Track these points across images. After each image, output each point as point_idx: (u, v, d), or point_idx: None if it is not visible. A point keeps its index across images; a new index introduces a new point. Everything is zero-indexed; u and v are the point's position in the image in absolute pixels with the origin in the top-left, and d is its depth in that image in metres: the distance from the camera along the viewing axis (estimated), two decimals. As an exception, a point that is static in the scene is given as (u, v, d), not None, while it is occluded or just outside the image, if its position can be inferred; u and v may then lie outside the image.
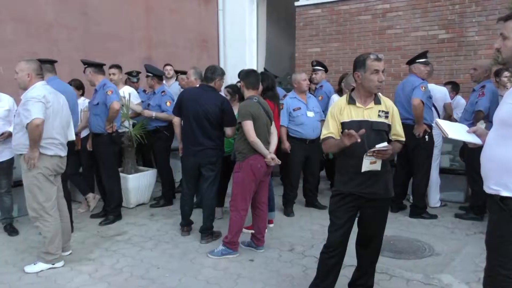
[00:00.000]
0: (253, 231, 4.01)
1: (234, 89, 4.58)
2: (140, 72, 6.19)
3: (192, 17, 8.03)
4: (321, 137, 2.84)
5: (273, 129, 3.94)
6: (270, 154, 3.77)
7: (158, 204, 5.43)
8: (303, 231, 4.49)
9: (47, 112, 3.47)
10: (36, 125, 3.33)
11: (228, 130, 4.16)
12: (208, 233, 4.22)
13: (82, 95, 5.30)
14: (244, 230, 3.99)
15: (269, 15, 8.56)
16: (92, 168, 5.14)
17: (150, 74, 5.42)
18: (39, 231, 3.65)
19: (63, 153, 3.68)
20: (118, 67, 5.47)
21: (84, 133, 5.08)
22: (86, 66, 4.68)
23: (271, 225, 4.53)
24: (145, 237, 4.37)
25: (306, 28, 7.34)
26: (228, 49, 8.41)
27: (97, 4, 6.45)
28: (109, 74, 5.33)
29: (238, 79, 6.52)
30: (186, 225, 4.42)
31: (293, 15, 7.62)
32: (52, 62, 4.46)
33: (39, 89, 3.49)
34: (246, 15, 8.17)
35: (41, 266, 3.57)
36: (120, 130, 4.95)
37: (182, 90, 5.83)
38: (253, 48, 8.31)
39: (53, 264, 3.60)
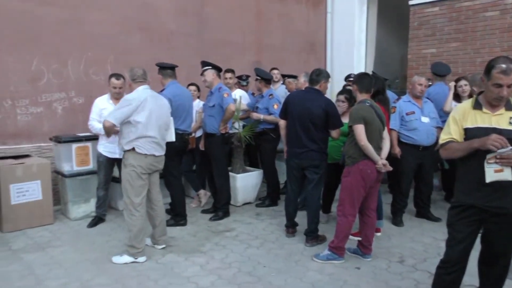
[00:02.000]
0: (359, 238, 3.91)
1: (351, 95, 4.46)
2: (249, 76, 6.42)
3: (300, 21, 8.10)
4: (440, 142, 2.66)
5: (385, 134, 3.79)
6: (381, 160, 3.63)
7: (263, 204, 5.57)
8: (414, 243, 4.23)
9: (142, 113, 3.69)
10: (106, 126, 3.69)
11: (334, 133, 4.12)
12: (313, 236, 4.21)
13: (199, 97, 5.68)
14: (350, 236, 3.90)
15: (380, 16, 8.25)
16: (204, 166, 5.47)
17: (258, 78, 5.59)
18: (127, 225, 3.86)
19: (158, 152, 3.85)
20: (232, 71, 5.78)
21: (198, 133, 5.44)
22: (208, 67, 4.90)
23: (378, 234, 4.36)
24: (252, 235, 4.51)
25: (421, 28, 6.91)
26: (336, 52, 8.30)
27: (212, 12, 6.85)
28: (225, 78, 5.64)
29: (346, 82, 6.46)
30: (290, 227, 4.47)
31: (406, 15, 7.23)
32: (172, 68, 4.83)
33: (137, 92, 3.79)
34: (356, 17, 7.98)
35: (126, 258, 3.79)
36: (230, 131, 5.19)
37: (287, 93, 5.94)
38: (361, 50, 8.09)
39: (135, 258, 3.79)
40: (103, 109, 4.64)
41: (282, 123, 4.39)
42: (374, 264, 3.75)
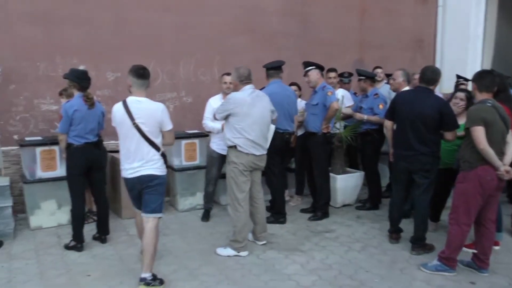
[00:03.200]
0: (475, 251, 3.58)
1: (471, 94, 4.10)
2: (352, 74, 6.25)
3: (408, 17, 7.67)
4: None
5: (510, 138, 3.41)
6: (504, 166, 3.28)
7: (363, 207, 5.40)
8: (541, 261, 3.77)
9: (241, 117, 3.81)
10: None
11: (448, 135, 3.83)
12: (419, 244, 3.97)
13: (300, 96, 5.69)
14: (463, 248, 3.59)
15: (501, 8, 7.44)
16: (303, 165, 5.47)
17: (362, 77, 5.42)
18: (231, 220, 3.99)
19: (259, 152, 3.92)
20: (335, 70, 5.70)
21: (299, 132, 5.43)
22: (312, 67, 4.91)
23: (497, 247, 3.96)
24: (352, 238, 4.40)
25: (552, 18, 6.10)
26: (446, 48, 7.69)
27: (316, 12, 6.80)
28: (328, 77, 5.58)
29: (460, 80, 5.97)
30: (394, 232, 4.27)
31: (533, 5, 6.45)
32: (275, 68, 4.88)
33: (241, 92, 3.92)
34: (472, 9, 7.29)
35: (229, 251, 3.93)
36: (331, 131, 5.11)
37: (391, 93, 5.66)
38: (477, 45, 7.36)
39: (238, 252, 3.90)
40: (215, 108, 4.86)
41: (388, 124, 4.20)
42: (492, 280, 3.42)
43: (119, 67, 5.42)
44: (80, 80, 3.98)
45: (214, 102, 4.86)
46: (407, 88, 4.72)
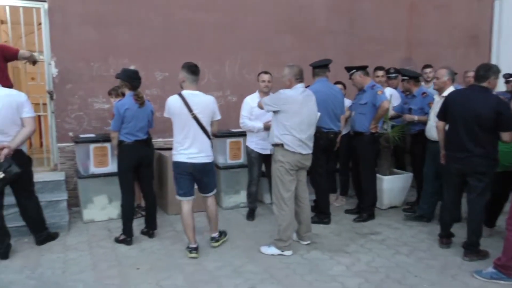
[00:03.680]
0: (534, 259, 3.36)
1: None
2: (399, 71, 6.06)
3: (460, 12, 7.35)
4: None
5: None
6: None
7: (411, 210, 5.22)
8: None
9: (291, 114, 3.80)
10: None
11: (506, 136, 3.61)
12: (472, 250, 3.79)
13: (344, 95, 5.60)
14: (521, 256, 3.39)
15: None
16: (347, 165, 5.37)
17: (405, 78, 5.24)
18: (276, 219, 3.97)
19: (305, 151, 3.89)
20: (383, 68, 5.57)
21: (343, 131, 5.34)
22: (353, 71, 4.86)
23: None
24: (400, 241, 4.27)
25: None
26: (504, 44, 7.29)
27: (364, 9, 6.68)
28: (376, 76, 5.46)
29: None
30: (445, 237, 4.10)
31: None
32: (322, 66, 4.81)
33: (293, 89, 3.90)
34: (532, 3, 6.91)
35: (273, 250, 3.91)
36: (379, 131, 4.98)
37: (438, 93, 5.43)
38: (538, 42, 6.97)
39: (282, 251, 3.89)
40: (253, 107, 4.87)
41: (440, 124, 4.03)
42: (553, 291, 3.20)
43: (167, 67, 5.57)
44: (131, 79, 4.12)
45: (252, 101, 4.82)
46: (451, 88, 4.47)
